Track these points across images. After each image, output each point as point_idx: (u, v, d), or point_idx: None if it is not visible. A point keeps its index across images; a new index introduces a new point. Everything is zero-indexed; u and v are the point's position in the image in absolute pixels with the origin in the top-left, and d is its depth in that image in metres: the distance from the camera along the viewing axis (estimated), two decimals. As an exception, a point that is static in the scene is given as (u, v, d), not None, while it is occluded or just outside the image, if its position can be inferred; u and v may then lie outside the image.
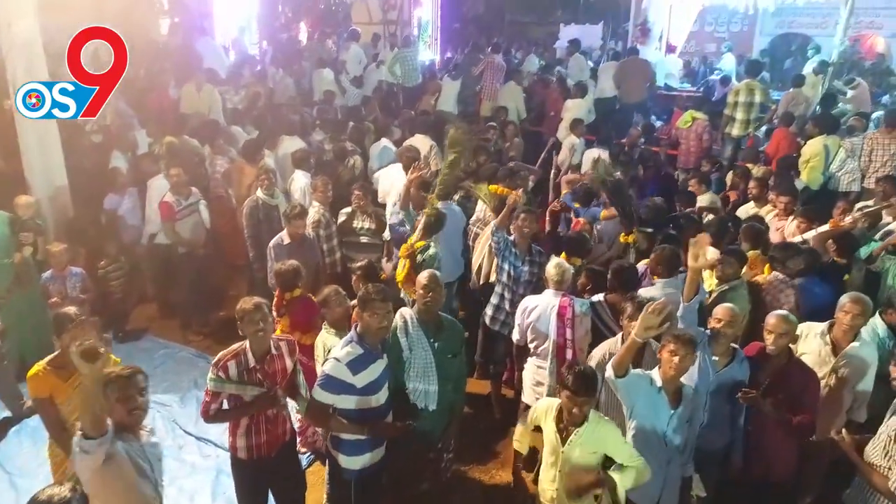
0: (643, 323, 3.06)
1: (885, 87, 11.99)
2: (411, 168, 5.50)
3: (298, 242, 5.30)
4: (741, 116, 8.55)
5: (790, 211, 5.72)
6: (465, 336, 3.82)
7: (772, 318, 3.57)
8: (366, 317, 3.21)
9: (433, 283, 3.56)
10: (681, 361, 3.13)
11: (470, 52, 12.75)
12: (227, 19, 11.45)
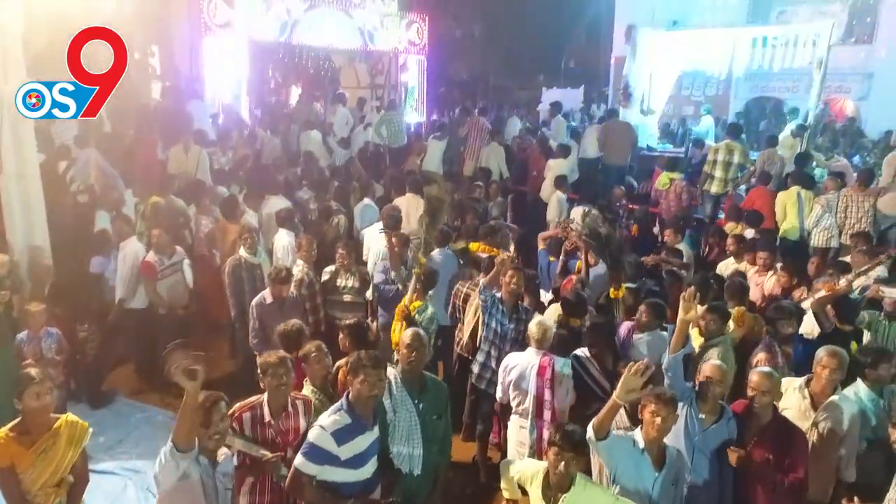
0: (625, 384, 3.04)
1: (856, 147, 12.42)
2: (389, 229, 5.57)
3: (281, 301, 5.25)
4: (720, 175, 8.77)
5: (770, 266, 5.78)
6: (449, 396, 3.74)
7: (755, 375, 3.53)
8: (356, 383, 3.06)
9: (417, 342, 3.52)
10: (663, 422, 3.09)
11: (458, 115, 13.08)
12: (218, 83, 11.71)
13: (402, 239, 5.98)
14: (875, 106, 14.46)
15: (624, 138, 10.36)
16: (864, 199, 7.46)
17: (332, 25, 13.28)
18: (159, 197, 7.13)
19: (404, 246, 5.97)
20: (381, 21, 14.18)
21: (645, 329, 4.54)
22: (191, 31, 12.07)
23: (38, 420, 3.23)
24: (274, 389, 3.36)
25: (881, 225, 7.60)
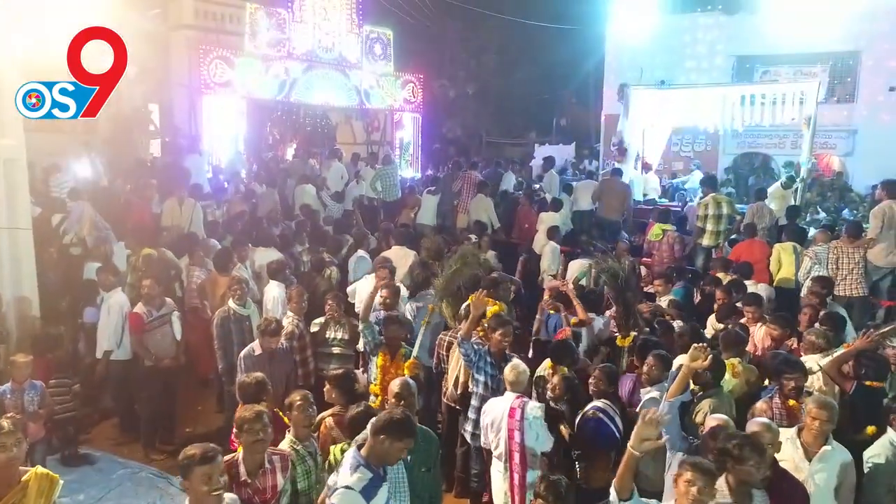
0: (639, 434, 2.90)
1: (845, 201, 12.63)
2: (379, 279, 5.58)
3: (270, 353, 5.17)
4: (711, 227, 8.86)
5: (758, 318, 5.77)
6: (439, 448, 3.65)
7: (754, 426, 3.44)
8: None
9: (406, 392, 3.46)
10: (699, 493, 2.84)
11: (451, 170, 13.29)
12: (216, 139, 11.93)
13: (393, 290, 5.98)
14: (860, 161, 14.79)
15: (619, 195, 10.48)
16: (854, 251, 7.51)
17: (329, 85, 13.69)
18: (151, 249, 7.14)
19: (395, 296, 5.97)
20: (377, 80, 14.63)
21: (654, 382, 4.40)
22: (191, 89, 12.41)
23: (3, 473, 3.11)
24: (250, 446, 3.23)
25: (872, 276, 7.63)
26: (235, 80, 11.97)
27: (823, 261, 7.61)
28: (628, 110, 11.69)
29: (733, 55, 16.44)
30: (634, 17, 16.98)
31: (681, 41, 16.94)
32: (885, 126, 14.86)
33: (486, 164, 15.71)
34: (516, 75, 22.40)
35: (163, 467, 5.72)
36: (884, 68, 14.68)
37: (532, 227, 9.84)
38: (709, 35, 16.78)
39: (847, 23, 14.72)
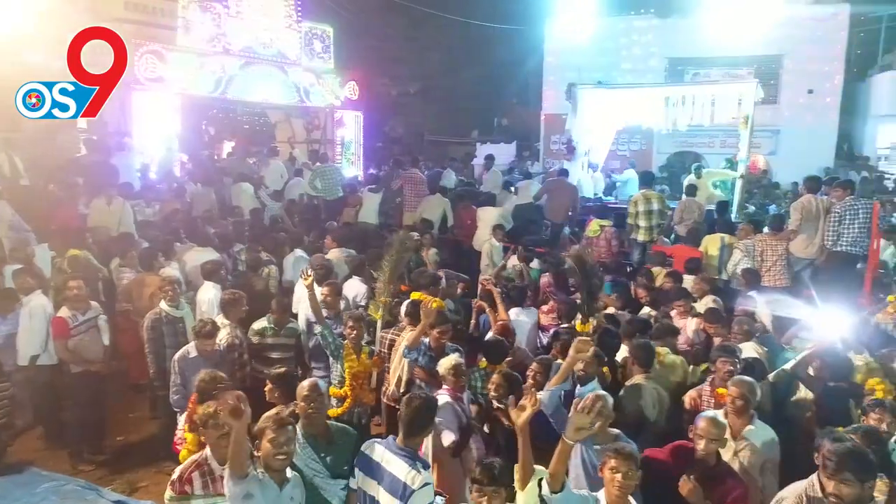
0: (574, 423, 2.90)
1: (771, 197, 13.27)
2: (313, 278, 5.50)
3: (206, 356, 5.02)
4: (644, 223, 9.11)
5: (688, 312, 6.02)
6: (358, 443, 3.61)
7: (701, 421, 3.43)
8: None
9: (315, 393, 3.41)
10: (624, 478, 2.91)
11: (392, 169, 13.24)
12: (148, 137, 11.49)
13: (335, 289, 5.92)
14: (783, 160, 15.62)
15: (565, 197, 10.54)
16: (778, 244, 7.90)
17: (268, 82, 13.38)
18: (78, 251, 6.82)
19: (336, 296, 5.91)
20: (317, 78, 14.40)
21: (587, 381, 4.35)
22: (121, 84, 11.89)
23: None
24: (218, 440, 3.20)
25: (795, 267, 8.03)
26: (168, 76, 11.55)
27: (750, 253, 7.98)
28: (576, 109, 11.86)
29: (666, 57, 17.04)
30: (573, 18, 17.36)
31: (617, 43, 17.44)
32: (805, 126, 15.73)
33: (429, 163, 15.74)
34: (459, 74, 22.51)
35: (92, 478, 5.46)
36: (804, 72, 15.52)
37: (474, 224, 9.91)
38: (643, 37, 17.34)
39: (770, 29, 15.49)
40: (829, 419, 4.39)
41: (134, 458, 5.76)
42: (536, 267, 8.14)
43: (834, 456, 2.91)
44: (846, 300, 7.42)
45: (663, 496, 3.30)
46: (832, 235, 7.58)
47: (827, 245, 7.69)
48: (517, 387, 4.48)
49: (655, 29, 17.17)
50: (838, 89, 16.14)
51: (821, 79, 15.73)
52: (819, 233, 7.79)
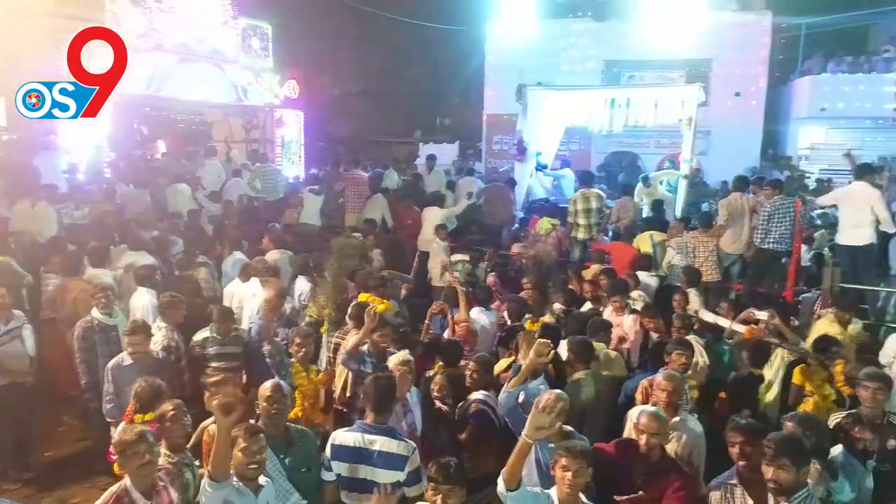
0: (534, 421, 2.91)
1: (703, 196, 13.82)
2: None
3: (141, 364, 4.84)
4: (583, 221, 9.32)
5: (623, 307, 6.18)
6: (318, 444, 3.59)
7: (643, 416, 3.49)
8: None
9: (277, 394, 3.37)
10: (575, 477, 2.94)
11: (331, 169, 13.09)
12: (75, 136, 10.96)
13: (278, 291, 5.80)
14: (713, 160, 16.28)
15: (502, 204, 10.67)
16: (708, 240, 8.25)
17: (204, 80, 12.98)
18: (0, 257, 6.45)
19: (280, 298, 5.79)
20: (255, 77, 14.08)
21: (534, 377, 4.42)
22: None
23: None
24: (137, 470, 2.98)
25: (724, 262, 8.40)
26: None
27: (683, 250, 8.30)
28: (526, 110, 12.00)
29: (603, 60, 17.49)
30: (513, 20, 17.58)
31: (556, 45, 17.76)
32: (733, 127, 16.44)
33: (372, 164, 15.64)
34: (402, 74, 22.44)
35: (18, 497, 5.18)
36: (731, 76, 16.22)
37: (415, 224, 9.91)
38: (581, 40, 17.73)
39: (700, 34, 16.14)
40: (740, 405, 4.62)
41: (65, 474, 5.49)
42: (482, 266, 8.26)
43: (772, 443, 3.05)
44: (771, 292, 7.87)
45: (608, 490, 3.38)
46: (761, 233, 7.95)
47: (756, 241, 8.06)
48: (460, 387, 4.53)
49: (592, 32, 17.59)
50: (763, 93, 16.96)
51: (747, 82, 16.48)
52: (746, 229, 8.18)
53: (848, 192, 7.88)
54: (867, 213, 7.45)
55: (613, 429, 4.26)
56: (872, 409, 3.98)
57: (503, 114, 18.09)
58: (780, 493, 3.02)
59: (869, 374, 4.12)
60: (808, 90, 17.42)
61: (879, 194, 7.72)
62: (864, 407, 4.04)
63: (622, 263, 7.91)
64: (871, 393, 3.97)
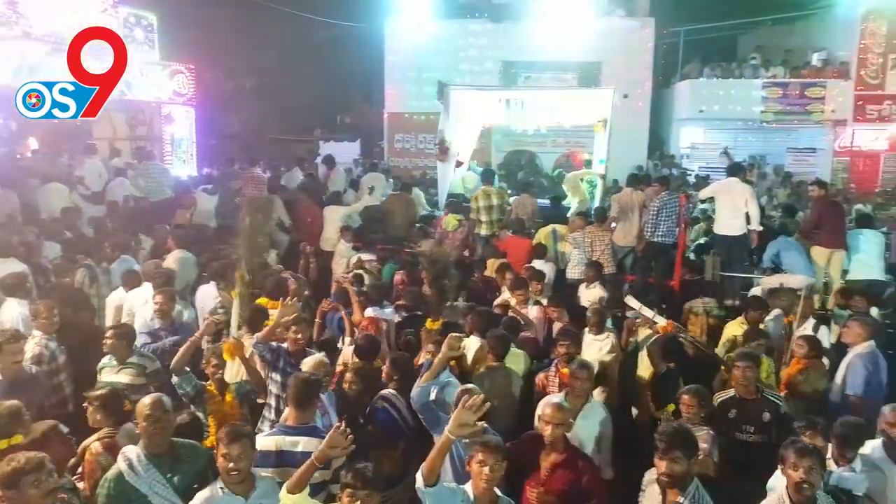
0: (458, 419, 2.92)
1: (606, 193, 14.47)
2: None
3: (12, 380, 4.39)
4: (485, 218, 9.48)
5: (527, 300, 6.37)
6: (211, 458, 3.40)
7: (548, 407, 3.54)
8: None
9: (158, 411, 3.16)
10: (491, 471, 2.98)
11: (224, 168, 12.52)
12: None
13: (168, 295, 5.50)
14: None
15: (404, 213, 10.64)
16: (603, 234, 8.65)
17: (80, 71, 11.98)
18: None
19: (171, 303, 5.49)
20: (140, 70, 13.20)
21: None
22: None
23: None
24: (41, 500, 2.70)
25: (618, 255, 8.84)
26: (-49, 61, 9.96)
27: (581, 244, 8.64)
28: (448, 110, 11.99)
29: (500, 60, 17.89)
30: (412, 19, 17.60)
31: (455, 45, 17.97)
32: (622, 128, 17.26)
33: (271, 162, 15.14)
34: (300, 70, 21.84)
35: None
36: (619, 78, 17.05)
37: (315, 223, 9.68)
38: (479, 41, 18.04)
39: (590, 38, 16.90)
40: (663, 398, 4.82)
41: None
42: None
43: (664, 436, 3.21)
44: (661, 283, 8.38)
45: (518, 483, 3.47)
46: (650, 227, 8.42)
47: (646, 235, 8.54)
48: (372, 383, 4.47)
49: (489, 33, 17.94)
50: (648, 95, 18.02)
51: (633, 85, 17.39)
52: (636, 224, 8.65)
53: (723, 186, 8.53)
54: (741, 206, 8.10)
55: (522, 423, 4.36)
56: (745, 386, 4.40)
57: (404, 112, 18.12)
58: (673, 485, 3.17)
59: (738, 354, 4.64)
60: (688, 93, 18.69)
61: (752, 190, 8.43)
62: (737, 385, 4.43)
63: (518, 257, 8.13)
64: (742, 371, 4.41)
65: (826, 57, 18.82)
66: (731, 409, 4.40)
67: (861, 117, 18.22)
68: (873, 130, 18.68)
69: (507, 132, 16.02)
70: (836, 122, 18.35)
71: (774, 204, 13.50)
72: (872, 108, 18.18)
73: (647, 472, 3.46)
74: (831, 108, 18.08)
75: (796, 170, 17.09)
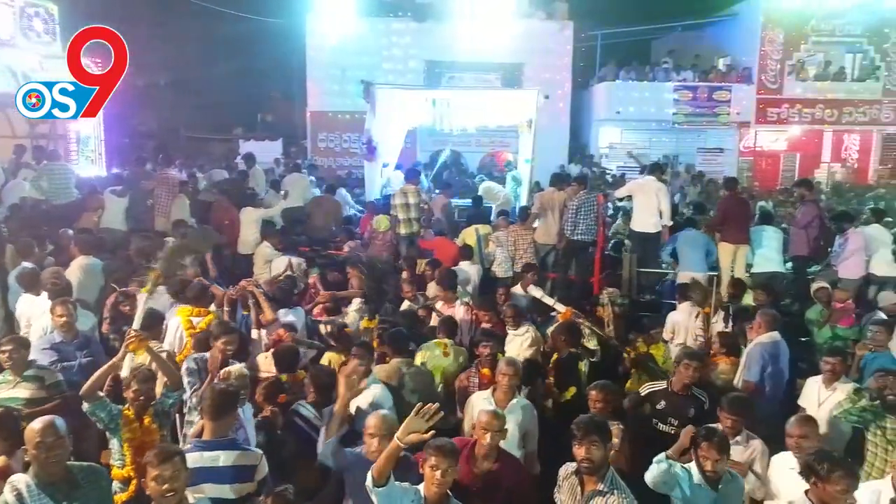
0: (408, 426, 2.94)
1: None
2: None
3: None
4: (402, 216, 9.40)
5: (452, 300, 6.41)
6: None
7: (483, 416, 3.58)
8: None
9: (51, 437, 2.94)
10: (444, 475, 2.98)
11: (134, 167, 11.89)
12: None
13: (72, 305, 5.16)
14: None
15: (328, 214, 10.46)
16: (526, 233, 8.81)
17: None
18: None
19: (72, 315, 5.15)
20: (40, 63, 12.33)
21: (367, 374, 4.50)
22: None
23: None
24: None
25: (540, 253, 9.03)
26: None
27: (504, 243, 8.76)
28: (374, 109, 11.79)
29: (424, 60, 17.92)
30: (333, 15, 17.34)
31: (378, 43, 17.87)
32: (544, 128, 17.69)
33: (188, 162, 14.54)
34: (218, 66, 21.05)
35: None
36: (541, 79, 17.47)
37: (233, 226, 9.36)
38: (402, 40, 18.01)
39: (512, 39, 17.21)
40: (565, 383, 5.03)
41: None
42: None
43: (580, 425, 3.31)
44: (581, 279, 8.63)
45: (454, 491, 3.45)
46: (570, 225, 8.64)
47: (566, 233, 8.75)
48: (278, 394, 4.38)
49: (413, 32, 17.94)
50: (568, 96, 18.56)
51: (554, 86, 17.81)
52: (556, 222, 8.86)
53: (639, 185, 8.87)
54: (656, 204, 8.46)
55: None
56: (684, 382, 4.59)
57: (328, 111, 17.85)
58: (592, 471, 3.28)
59: (686, 353, 4.82)
60: (605, 95, 19.37)
61: (665, 188, 8.81)
62: (677, 380, 4.63)
63: (445, 258, 8.17)
64: (686, 369, 4.58)
65: (731, 62, 20.00)
66: (661, 401, 4.60)
67: (762, 120, 19.48)
68: (773, 132, 20.04)
69: (432, 132, 16.05)
70: (740, 124, 19.53)
71: (687, 202, 14.19)
72: (772, 110, 19.48)
73: (563, 468, 3.55)
74: (736, 110, 19.23)
75: (706, 169, 18.03)
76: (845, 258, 8.19)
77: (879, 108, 19.64)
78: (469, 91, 14.18)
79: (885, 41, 19.55)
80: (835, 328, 6.62)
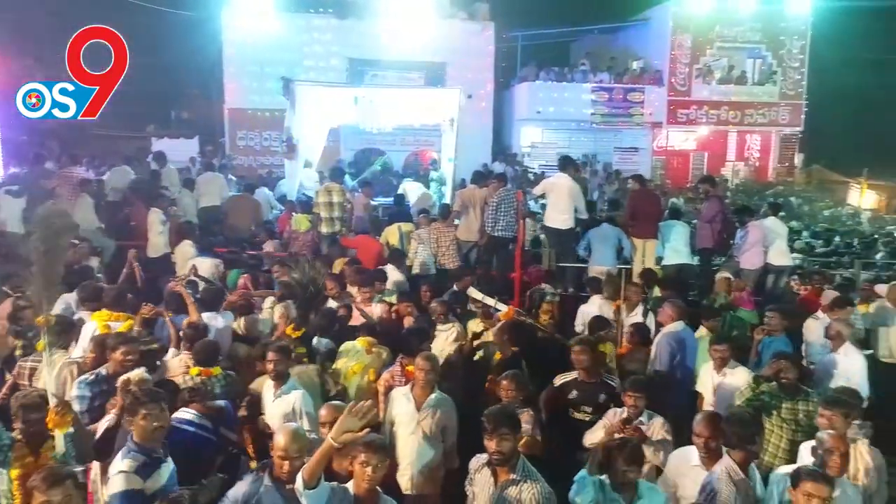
0: (342, 425, 2.84)
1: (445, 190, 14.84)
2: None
3: None
4: (325, 215, 9.29)
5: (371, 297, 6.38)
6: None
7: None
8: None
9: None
10: (374, 471, 2.97)
11: (33, 166, 11.17)
12: None
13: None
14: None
15: (248, 214, 10.25)
16: (448, 230, 8.88)
17: None
18: None
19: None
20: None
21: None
22: None
23: None
24: None
25: (462, 249, 9.12)
26: None
27: (426, 241, 8.80)
28: (294, 106, 11.46)
29: (346, 57, 17.74)
30: (250, 10, 16.87)
31: (299, 40, 17.55)
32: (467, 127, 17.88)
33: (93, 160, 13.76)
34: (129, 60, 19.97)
35: None
36: (464, 79, 17.67)
37: (141, 227, 8.95)
38: (324, 36, 17.76)
39: (435, 39, 17.31)
40: None
41: None
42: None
43: (490, 417, 3.37)
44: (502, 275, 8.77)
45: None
46: (490, 222, 8.77)
47: (487, 229, 8.88)
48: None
49: (335, 29, 17.71)
50: (490, 96, 18.86)
51: (477, 86, 18.06)
52: (478, 219, 8.98)
53: (552, 183, 9.10)
54: (569, 201, 8.70)
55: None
56: (583, 369, 4.79)
57: (247, 108, 17.37)
58: (503, 462, 3.35)
59: (574, 340, 5.07)
60: (526, 95, 19.80)
61: (577, 186, 9.07)
62: (578, 368, 4.81)
63: (368, 257, 8.12)
64: (576, 355, 4.80)
65: (644, 65, 20.89)
66: (573, 391, 4.77)
67: (673, 120, 20.48)
68: (683, 132, 21.11)
69: (356, 130, 15.91)
70: (653, 125, 20.46)
71: (605, 199, 14.71)
72: (682, 112, 20.51)
73: (473, 459, 3.61)
74: (649, 111, 20.13)
75: (622, 167, 18.76)
76: (746, 250, 8.70)
77: (777, 110, 21.05)
78: (392, 89, 14.17)
79: (781, 48, 20.98)
80: (737, 311, 7.08)
